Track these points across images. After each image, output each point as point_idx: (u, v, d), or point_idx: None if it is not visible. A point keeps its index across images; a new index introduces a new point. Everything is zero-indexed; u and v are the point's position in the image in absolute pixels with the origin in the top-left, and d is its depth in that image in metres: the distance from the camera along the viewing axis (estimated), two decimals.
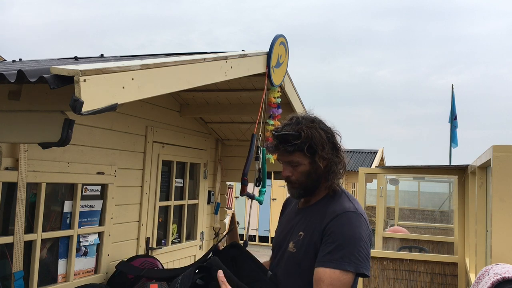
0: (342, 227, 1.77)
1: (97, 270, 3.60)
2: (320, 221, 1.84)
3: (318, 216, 1.87)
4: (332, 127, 1.95)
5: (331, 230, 1.77)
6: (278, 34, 3.49)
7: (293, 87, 4.04)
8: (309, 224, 1.88)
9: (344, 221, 1.78)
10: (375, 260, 5.74)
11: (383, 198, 8.96)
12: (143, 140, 4.07)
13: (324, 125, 1.93)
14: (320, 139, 1.86)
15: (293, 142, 1.85)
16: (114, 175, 3.69)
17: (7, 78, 1.58)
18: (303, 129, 1.86)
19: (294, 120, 1.92)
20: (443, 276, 5.44)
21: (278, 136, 1.90)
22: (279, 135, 1.90)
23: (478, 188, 3.62)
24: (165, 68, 2.06)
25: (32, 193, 3.06)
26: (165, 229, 4.51)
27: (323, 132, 1.88)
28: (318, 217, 1.86)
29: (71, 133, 1.64)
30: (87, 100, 1.55)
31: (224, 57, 2.70)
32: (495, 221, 2.69)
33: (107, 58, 3.57)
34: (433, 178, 11.11)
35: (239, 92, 4.09)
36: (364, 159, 15.64)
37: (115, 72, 1.73)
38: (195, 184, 4.97)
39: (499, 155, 2.71)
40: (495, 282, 2.22)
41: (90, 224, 3.53)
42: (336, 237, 1.75)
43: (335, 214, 1.81)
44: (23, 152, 2.88)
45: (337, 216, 1.80)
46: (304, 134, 1.84)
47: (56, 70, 1.54)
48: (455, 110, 13.50)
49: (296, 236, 1.90)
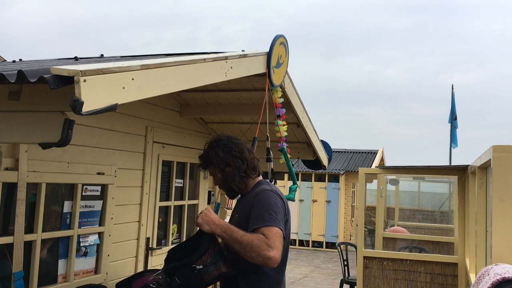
0: (260, 199, 2.42)
1: (97, 270, 3.60)
2: (249, 204, 2.46)
3: (247, 201, 2.50)
4: (236, 141, 2.58)
5: (255, 204, 2.41)
6: (278, 34, 3.49)
7: (293, 87, 4.04)
8: (241, 208, 2.54)
9: (261, 196, 2.44)
10: (375, 260, 5.74)
11: (383, 199, 8.96)
12: (143, 140, 4.07)
13: (227, 141, 2.56)
14: (215, 155, 2.53)
15: (201, 161, 2.62)
16: (114, 175, 3.69)
17: (7, 78, 1.58)
18: (204, 151, 2.59)
19: (206, 143, 2.64)
20: (443, 277, 5.44)
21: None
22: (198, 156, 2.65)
23: (478, 188, 3.62)
24: (165, 68, 2.07)
25: (32, 193, 3.06)
26: (165, 229, 4.51)
27: (220, 149, 2.53)
28: (246, 202, 2.50)
29: (71, 133, 1.64)
30: (87, 100, 1.55)
31: (224, 57, 2.70)
32: (495, 221, 2.69)
33: (107, 58, 3.57)
34: (433, 178, 11.11)
35: (239, 92, 4.09)
36: (364, 159, 15.62)
37: (115, 72, 1.73)
38: (195, 185, 4.97)
39: (499, 155, 2.71)
40: (495, 282, 2.22)
41: (90, 224, 3.53)
42: (258, 206, 2.39)
43: (256, 193, 2.47)
44: (23, 152, 2.88)
45: (258, 194, 2.46)
46: (204, 154, 2.59)
47: (56, 70, 1.54)
48: (455, 110, 13.49)
49: (234, 218, 2.57)
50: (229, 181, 2.55)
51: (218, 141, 2.57)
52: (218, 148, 2.54)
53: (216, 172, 2.57)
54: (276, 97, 3.51)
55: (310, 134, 4.68)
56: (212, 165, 2.56)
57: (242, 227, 2.36)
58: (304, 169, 13.43)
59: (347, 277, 7.38)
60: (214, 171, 2.58)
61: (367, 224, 13.29)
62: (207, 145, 2.61)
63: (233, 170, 2.53)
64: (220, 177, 2.57)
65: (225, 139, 2.58)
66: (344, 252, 7.71)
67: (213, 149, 2.55)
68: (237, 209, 2.62)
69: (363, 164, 15.16)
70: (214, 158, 2.54)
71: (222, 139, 2.58)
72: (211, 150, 2.56)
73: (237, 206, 2.65)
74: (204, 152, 2.60)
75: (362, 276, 5.73)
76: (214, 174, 2.59)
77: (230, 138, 2.60)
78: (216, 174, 2.58)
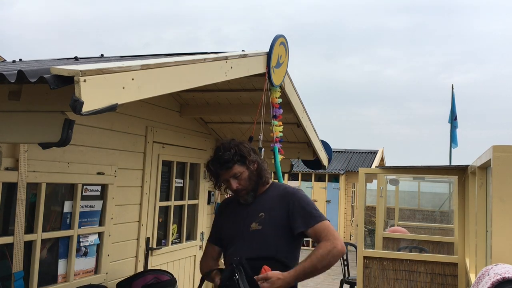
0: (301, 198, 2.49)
1: (97, 270, 3.60)
2: (278, 201, 2.49)
3: (272, 199, 2.52)
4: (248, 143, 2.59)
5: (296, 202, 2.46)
6: (278, 34, 3.48)
7: (293, 87, 4.03)
8: (265, 206, 2.50)
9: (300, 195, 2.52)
10: (375, 260, 5.74)
11: (383, 198, 8.96)
12: (143, 140, 4.07)
13: (242, 142, 2.56)
14: (245, 148, 2.50)
15: (228, 157, 2.44)
16: (114, 175, 3.69)
17: (7, 78, 1.58)
18: (231, 147, 2.48)
19: (220, 147, 2.52)
20: (443, 277, 5.44)
21: (215, 161, 2.49)
22: (216, 160, 2.49)
23: (478, 188, 3.62)
24: (165, 68, 2.06)
25: (32, 193, 3.06)
26: (165, 229, 4.51)
27: (244, 146, 2.51)
28: (272, 200, 2.51)
29: (71, 133, 1.64)
30: (87, 100, 1.55)
31: (224, 57, 2.70)
32: (495, 222, 2.69)
33: (107, 58, 3.57)
34: (433, 178, 11.11)
35: (239, 92, 4.08)
36: (364, 159, 15.63)
37: (115, 72, 1.72)
38: (195, 184, 4.97)
39: (499, 155, 2.71)
40: (495, 282, 2.22)
41: (90, 224, 3.53)
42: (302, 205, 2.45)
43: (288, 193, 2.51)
44: (23, 152, 2.88)
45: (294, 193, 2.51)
46: (233, 149, 2.47)
47: (56, 70, 1.54)
48: (455, 110, 13.49)
49: (257, 217, 2.48)
50: (260, 177, 2.52)
51: (234, 141, 2.55)
52: (241, 145, 2.51)
53: (244, 170, 2.49)
54: (275, 97, 3.50)
55: (310, 134, 4.68)
56: (240, 162, 2.48)
57: (275, 224, 2.43)
58: (304, 169, 13.43)
59: (347, 277, 7.38)
60: (241, 169, 2.49)
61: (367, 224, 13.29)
62: (228, 144, 2.51)
63: (260, 166, 2.53)
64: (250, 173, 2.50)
65: (238, 141, 2.57)
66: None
67: (238, 146, 2.50)
68: (257, 209, 2.52)
69: (363, 164, 15.17)
70: (247, 152, 2.49)
71: (236, 141, 2.56)
72: (237, 147, 2.49)
73: (252, 208, 2.54)
74: (230, 149, 2.47)
75: (362, 276, 5.73)
76: (240, 172, 2.48)
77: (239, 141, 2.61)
78: (243, 172, 2.49)
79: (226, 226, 2.63)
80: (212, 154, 2.58)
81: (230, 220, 2.63)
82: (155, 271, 3.77)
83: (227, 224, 2.63)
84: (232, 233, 2.57)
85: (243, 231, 2.50)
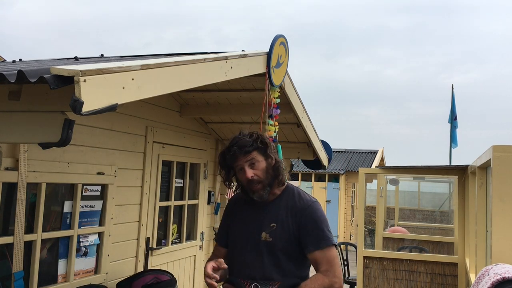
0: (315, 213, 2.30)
1: (97, 270, 3.60)
2: (291, 213, 2.29)
3: (285, 210, 2.31)
4: None
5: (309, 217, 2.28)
6: (278, 34, 3.48)
7: (293, 87, 4.03)
8: (278, 217, 2.30)
9: (315, 209, 2.31)
10: (375, 260, 5.74)
11: (383, 198, 8.95)
12: (143, 140, 4.07)
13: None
14: (267, 139, 2.33)
15: (250, 142, 2.26)
16: (114, 175, 3.69)
17: (7, 78, 1.58)
18: (253, 132, 2.32)
19: (240, 134, 2.33)
20: (443, 276, 5.44)
21: (235, 144, 2.28)
22: (235, 143, 2.28)
23: (478, 188, 3.62)
24: (165, 68, 2.06)
25: (32, 193, 3.06)
26: (165, 229, 4.51)
27: (265, 136, 2.36)
28: (285, 210, 2.31)
29: (71, 133, 1.64)
30: (87, 100, 1.55)
31: (224, 57, 2.70)
32: (495, 221, 2.69)
33: (107, 58, 3.57)
34: (433, 179, 11.11)
35: (239, 92, 4.09)
36: (364, 159, 15.63)
37: (115, 72, 1.72)
38: (195, 184, 4.97)
39: (499, 155, 2.71)
40: (495, 282, 2.22)
41: (90, 224, 3.53)
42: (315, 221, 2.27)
43: (306, 205, 2.31)
44: (23, 152, 2.88)
45: (309, 206, 2.31)
46: (255, 135, 2.30)
47: (56, 70, 1.54)
48: (455, 110, 13.51)
49: (269, 227, 2.29)
50: (278, 172, 2.31)
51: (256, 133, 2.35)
52: (264, 136, 2.36)
53: (262, 160, 2.29)
54: (273, 97, 3.50)
55: (310, 134, 4.68)
56: (261, 150, 2.28)
57: (285, 239, 2.26)
58: (304, 169, 13.43)
59: (347, 277, 7.38)
60: (260, 157, 2.29)
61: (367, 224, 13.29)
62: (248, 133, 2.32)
63: (278, 163, 2.34)
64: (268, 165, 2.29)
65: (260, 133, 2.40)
66: (344, 252, 7.71)
67: (262, 135, 2.35)
68: (269, 216, 2.33)
69: (363, 164, 15.17)
70: (267, 141, 2.31)
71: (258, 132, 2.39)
72: (262, 135, 2.35)
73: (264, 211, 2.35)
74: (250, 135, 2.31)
75: (362, 276, 5.73)
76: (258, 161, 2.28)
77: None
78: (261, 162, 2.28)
79: (234, 227, 2.44)
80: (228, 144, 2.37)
81: (238, 222, 2.43)
82: (155, 271, 3.77)
83: (236, 225, 2.44)
84: (240, 237, 2.38)
85: (253, 239, 2.31)
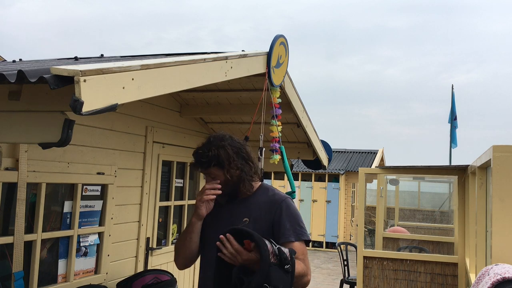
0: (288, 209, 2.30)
1: (97, 271, 3.60)
2: (264, 209, 2.29)
3: (258, 205, 2.31)
4: (241, 142, 2.36)
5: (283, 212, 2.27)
6: (278, 34, 3.48)
7: (293, 87, 4.04)
8: (251, 213, 2.29)
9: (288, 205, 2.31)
10: (375, 260, 5.74)
11: (383, 198, 8.96)
12: (143, 140, 4.07)
13: (233, 141, 2.32)
14: (227, 155, 2.25)
15: (205, 160, 2.25)
16: (114, 175, 3.69)
17: (7, 78, 1.58)
18: (211, 149, 2.25)
19: (207, 141, 2.31)
20: (443, 276, 5.44)
21: (194, 155, 2.31)
22: (195, 155, 2.31)
23: (478, 188, 3.63)
24: (165, 68, 2.06)
25: (32, 193, 3.06)
26: (165, 229, 4.51)
27: (230, 149, 2.27)
28: (258, 206, 2.31)
29: (71, 133, 1.64)
30: (87, 100, 1.55)
31: (224, 57, 2.70)
32: (495, 221, 2.69)
33: (107, 58, 3.57)
34: (433, 178, 11.11)
35: (239, 92, 4.09)
36: (364, 159, 15.63)
37: (115, 72, 1.73)
38: (195, 184, 4.97)
39: (499, 155, 2.71)
40: (495, 282, 2.22)
41: (90, 224, 3.53)
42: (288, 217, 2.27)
43: (277, 200, 2.31)
44: (23, 152, 2.88)
45: (282, 202, 2.30)
46: (212, 153, 2.24)
47: (56, 70, 1.54)
48: (455, 110, 13.52)
49: (241, 222, 2.28)
50: (238, 184, 2.28)
51: (225, 140, 2.28)
52: (227, 148, 2.26)
53: (221, 174, 2.26)
54: (275, 97, 3.50)
55: (310, 134, 4.68)
56: (218, 166, 2.24)
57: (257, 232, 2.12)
58: (304, 169, 13.44)
59: (347, 277, 7.39)
60: (218, 172, 2.26)
61: (367, 224, 13.30)
62: (212, 142, 2.27)
63: (241, 173, 2.27)
64: (225, 180, 2.27)
65: (230, 139, 2.31)
66: (344, 252, 7.71)
67: (222, 148, 2.25)
68: (242, 212, 2.31)
69: (363, 164, 15.17)
70: (225, 158, 2.24)
71: (228, 139, 2.30)
72: (220, 149, 2.24)
73: (238, 209, 2.33)
74: (210, 150, 2.24)
75: (362, 276, 5.73)
76: (217, 175, 2.27)
77: (233, 137, 2.35)
78: (220, 176, 2.27)
79: (209, 224, 2.37)
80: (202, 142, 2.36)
81: (214, 219, 2.38)
82: (155, 271, 3.77)
83: (211, 222, 2.37)
84: (214, 234, 2.23)
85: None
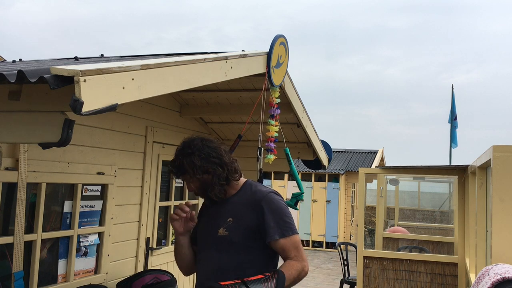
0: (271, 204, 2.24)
1: (97, 270, 3.60)
2: (248, 206, 2.26)
3: (241, 204, 2.28)
4: (212, 146, 2.30)
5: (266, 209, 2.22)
6: (278, 34, 3.48)
7: (293, 87, 4.03)
8: (235, 212, 2.27)
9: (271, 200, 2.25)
10: (375, 260, 5.74)
11: (383, 198, 8.96)
12: (143, 140, 4.07)
13: (203, 146, 2.27)
14: (191, 164, 2.23)
15: (173, 170, 2.30)
16: (114, 175, 3.69)
17: (7, 78, 1.58)
18: (178, 158, 2.27)
19: (176, 149, 2.32)
20: (443, 276, 5.44)
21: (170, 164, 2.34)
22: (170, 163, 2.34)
23: (478, 188, 3.63)
24: (165, 68, 2.06)
25: (32, 193, 3.06)
26: (165, 229, 4.51)
27: (197, 155, 2.24)
28: (242, 205, 2.28)
29: (71, 133, 1.64)
30: (87, 100, 1.55)
31: (224, 57, 2.70)
32: (495, 221, 2.69)
33: (107, 58, 3.57)
34: (433, 179, 11.11)
35: (239, 92, 4.09)
36: (364, 159, 15.63)
37: (115, 72, 1.72)
38: None
39: (499, 155, 2.71)
40: (495, 282, 2.22)
41: (90, 224, 3.53)
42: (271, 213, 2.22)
43: (260, 197, 2.25)
44: (23, 152, 2.88)
45: (264, 198, 2.25)
46: (177, 162, 2.27)
47: (56, 70, 1.54)
48: (455, 110, 13.53)
49: (225, 222, 2.27)
50: (208, 190, 2.28)
51: (192, 147, 2.26)
52: (194, 156, 2.24)
53: (191, 181, 2.29)
54: (274, 97, 3.50)
55: (310, 134, 4.68)
56: (187, 174, 2.27)
57: (241, 232, 2.22)
58: (304, 169, 13.43)
59: (347, 277, 7.38)
60: (189, 180, 2.29)
61: (367, 224, 13.30)
62: (180, 151, 2.29)
63: (213, 178, 2.26)
64: (196, 186, 2.30)
65: (200, 144, 2.28)
66: (344, 252, 7.71)
67: (188, 157, 2.24)
68: (226, 212, 2.31)
69: (363, 164, 15.16)
70: (189, 167, 2.24)
71: (197, 145, 2.27)
72: (186, 158, 2.24)
73: (223, 208, 2.34)
74: (176, 159, 2.28)
75: (362, 276, 5.73)
76: (189, 182, 2.31)
77: (204, 141, 2.31)
78: (191, 183, 2.31)
79: (200, 226, 2.45)
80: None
81: (203, 220, 2.44)
82: (155, 271, 3.77)
83: (201, 224, 2.45)
84: (203, 235, 2.38)
85: (212, 235, 2.30)
